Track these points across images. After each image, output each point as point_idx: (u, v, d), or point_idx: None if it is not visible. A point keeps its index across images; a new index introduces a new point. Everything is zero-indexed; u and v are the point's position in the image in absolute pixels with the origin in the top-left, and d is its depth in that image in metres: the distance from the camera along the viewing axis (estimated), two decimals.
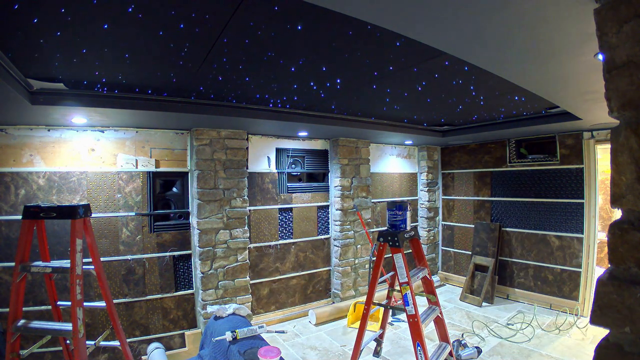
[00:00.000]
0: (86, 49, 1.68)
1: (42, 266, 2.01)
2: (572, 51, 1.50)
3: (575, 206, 3.95)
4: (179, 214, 3.45)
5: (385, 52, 1.86)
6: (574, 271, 3.92)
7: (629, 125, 0.62)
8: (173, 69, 2.03)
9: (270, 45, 1.74)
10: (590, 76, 1.82)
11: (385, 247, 2.47)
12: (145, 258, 3.22)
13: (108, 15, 1.38)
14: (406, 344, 3.36)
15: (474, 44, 1.46)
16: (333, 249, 4.42)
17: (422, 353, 2.20)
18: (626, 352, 0.61)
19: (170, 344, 3.30)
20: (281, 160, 4.06)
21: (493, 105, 3.10)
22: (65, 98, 2.24)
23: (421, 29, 1.30)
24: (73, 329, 1.87)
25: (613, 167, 0.65)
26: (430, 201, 5.36)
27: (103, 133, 3.06)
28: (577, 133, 3.91)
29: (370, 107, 3.18)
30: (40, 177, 2.82)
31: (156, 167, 3.29)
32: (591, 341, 3.26)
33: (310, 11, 1.37)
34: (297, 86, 2.43)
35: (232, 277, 3.48)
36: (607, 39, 0.66)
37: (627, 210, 0.63)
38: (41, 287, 2.75)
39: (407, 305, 2.28)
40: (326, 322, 3.93)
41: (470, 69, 2.06)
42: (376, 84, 2.41)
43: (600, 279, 0.65)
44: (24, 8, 1.29)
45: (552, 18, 1.19)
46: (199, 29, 1.53)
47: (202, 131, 3.31)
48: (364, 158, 4.51)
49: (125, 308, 3.12)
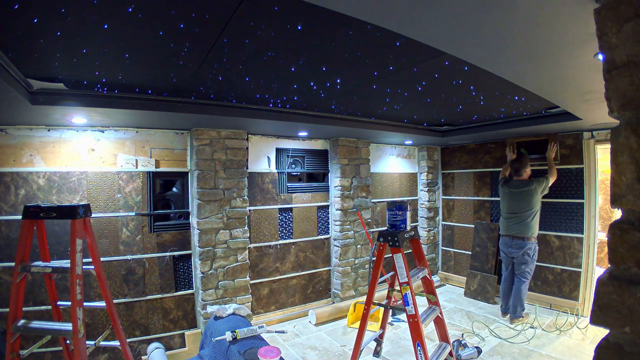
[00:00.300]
0: (86, 49, 1.68)
1: (42, 266, 2.01)
2: (572, 51, 1.50)
3: (575, 206, 3.95)
4: (179, 214, 3.45)
5: (385, 52, 1.86)
6: (574, 271, 3.92)
7: (629, 125, 0.62)
8: (173, 69, 2.03)
9: (270, 45, 1.74)
10: (590, 76, 1.82)
11: (385, 247, 2.47)
12: (145, 258, 3.22)
13: (108, 15, 1.38)
14: (406, 344, 3.36)
15: (474, 44, 1.46)
16: (333, 249, 4.42)
17: (422, 353, 2.20)
18: (626, 352, 0.61)
19: (170, 344, 3.30)
20: (281, 160, 4.06)
21: (493, 105, 3.10)
22: (65, 98, 2.24)
23: (421, 29, 1.30)
24: (73, 329, 1.88)
25: (613, 167, 0.65)
26: (430, 201, 5.36)
27: (103, 133, 3.06)
28: (577, 133, 3.91)
29: (370, 107, 3.18)
30: (40, 177, 2.82)
31: (156, 167, 3.29)
32: (591, 341, 3.25)
33: (311, 11, 1.37)
34: (297, 86, 2.43)
35: (232, 277, 3.48)
36: (607, 39, 0.66)
37: (627, 210, 0.63)
38: (41, 287, 2.75)
39: (407, 305, 2.28)
40: (326, 322, 3.93)
41: (470, 69, 2.06)
42: (376, 84, 2.41)
43: (600, 279, 0.65)
44: (24, 8, 1.29)
45: (552, 18, 1.19)
46: (199, 29, 1.53)
47: (202, 131, 3.31)
48: (364, 158, 4.51)
49: (125, 308, 3.12)
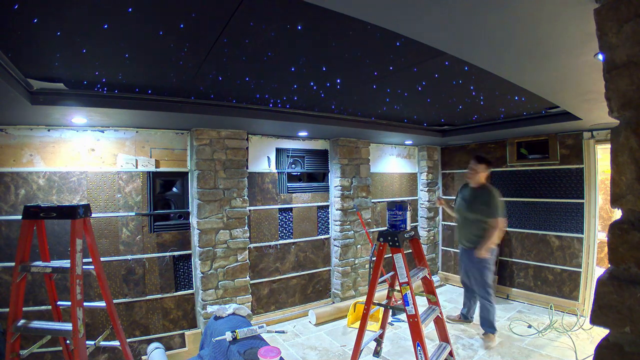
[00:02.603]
0: (86, 49, 1.68)
1: (42, 266, 2.01)
2: (572, 51, 1.50)
3: (575, 206, 3.95)
4: (179, 214, 3.45)
5: (385, 52, 1.86)
6: (574, 271, 3.92)
7: (629, 125, 0.62)
8: (173, 69, 2.03)
9: (270, 45, 1.73)
10: (590, 76, 1.82)
11: (385, 247, 2.47)
12: (145, 258, 3.22)
13: (108, 15, 1.38)
14: (406, 344, 3.36)
15: (474, 44, 1.46)
16: (333, 249, 4.42)
17: (422, 353, 2.20)
18: (626, 352, 0.61)
19: (170, 344, 3.30)
20: (281, 160, 4.06)
21: (493, 105, 3.10)
22: (65, 98, 2.24)
23: (421, 29, 1.30)
24: (73, 329, 1.87)
25: (613, 167, 0.65)
26: (430, 201, 5.36)
27: (103, 133, 3.06)
28: (577, 133, 3.91)
29: (370, 107, 3.18)
30: (40, 177, 2.82)
31: (156, 167, 3.29)
32: (591, 341, 3.25)
33: (310, 11, 1.37)
34: (297, 86, 2.43)
35: (232, 277, 3.48)
36: (607, 39, 0.66)
37: (627, 210, 0.63)
38: (41, 287, 2.75)
39: (407, 305, 2.28)
40: (326, 322, 3.93)
41: (470, 69, 2.06)
42: (376, 84, 2.41)
43: (600, 279, 0.65)
44: (24, 8, 1.29)
45: (552, 18, 1.19)
46: (199, 29, 1.53)
47: (202, 131, 3.31)
48: (364, 158, 4.51)
49: (125, 308, 3.12)
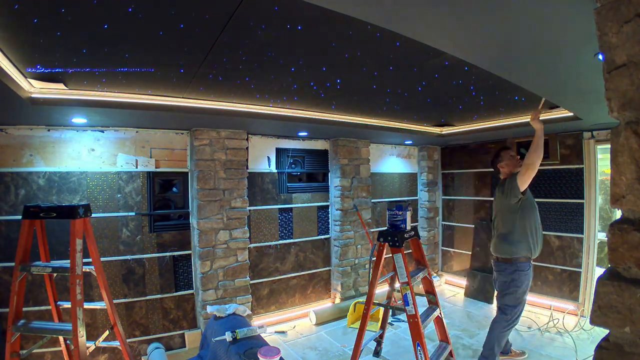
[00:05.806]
0: (86, 49, 1.68)
1: (42, 266, 2.01)
2: (572, 51, 1.50)
3: (575, 206, 3.95)
4: (179, 214, 3.45)
5: (385, 52, 1.86)
6: (574, 271, 3.92)
7: (629, 125, 0.62)
8: (173, 69, 2.03)
9: (270, 45, 1.73)
10: (590, 76, 1.82)
11: (385, 247, 2.47)
12: (145, 258, 3.22)
13: (108, 15, 1.38)
14: (406, 344, 3.36)
15: (474, 44, 1.46)
16: (333, 249, 4.41)
17: (422, 353, 2.20)
18: (626, 352, 0.61)
19: (170, 344, 3.30)
20: (281, 160, 4.06)
21: (493, 105, 3.10)
22: (65, 98, 2.24)
23: (421, 29, 1.30)
24: (73, 329, 1.88)
25: (613, 167, 0.65)
26: (430, 201, 5.36)
27: (103, 133, 3.06)
28: (577, 133, 3.91)
29: (370, 107, 3.18)
30: (40, 177, 2.82)
31: (156, 167, 3.29)
32: (591, 341, 3.25)
33: (310, 11, 1.37)
34: (297, 86, 2.43)
35: (232, 277, 3.48)
36: (607, 39, 0.66)
37: (627, 210, 0.63)
38: (41, 287, 2.75)
39: (407, 305, 2.29)
40: (326, 322, 3.93)
41: (470, 69, 2.06)
42: (376, 84, 2.41)
43: (600, 279, 0.65)
44: (24, 8, 1.29)
45: (552, 18, 1.19)
46: (199, 29, 1.53)
47: (202, 131, 3.30)
48: (364, 158, 4.51)
49: (125, 308, 3.12)
